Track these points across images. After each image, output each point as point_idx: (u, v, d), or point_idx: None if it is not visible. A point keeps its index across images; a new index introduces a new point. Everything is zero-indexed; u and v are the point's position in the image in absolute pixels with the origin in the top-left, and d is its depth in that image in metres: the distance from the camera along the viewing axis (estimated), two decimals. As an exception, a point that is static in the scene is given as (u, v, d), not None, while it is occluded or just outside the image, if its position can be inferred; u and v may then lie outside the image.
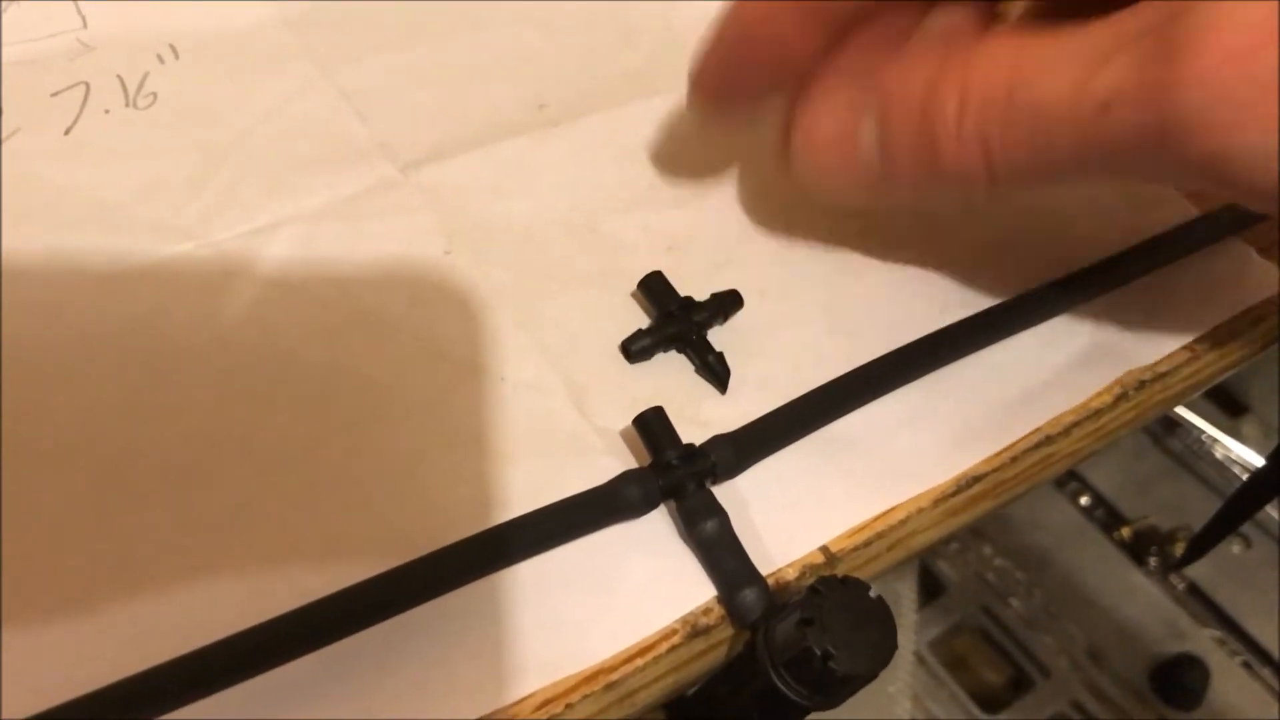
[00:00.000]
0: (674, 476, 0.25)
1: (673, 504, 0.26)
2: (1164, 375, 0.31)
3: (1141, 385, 0.30)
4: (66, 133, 0.33)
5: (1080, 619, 0.80)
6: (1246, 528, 0.84)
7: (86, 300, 0.29)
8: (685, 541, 0.26)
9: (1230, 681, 0.78)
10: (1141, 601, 0.81)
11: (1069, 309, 0.31)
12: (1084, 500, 0.86)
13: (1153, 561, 0.83)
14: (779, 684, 0.22)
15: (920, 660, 0.76)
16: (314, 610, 0.22)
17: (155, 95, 0.34)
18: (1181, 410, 0.88)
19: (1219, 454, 0.87)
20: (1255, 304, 0.33)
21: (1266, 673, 0.78)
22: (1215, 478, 0.86)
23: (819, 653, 0.21)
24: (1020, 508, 0.84)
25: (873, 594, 0.23)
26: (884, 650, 0.22)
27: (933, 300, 0.31)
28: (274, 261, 0.30)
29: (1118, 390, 0.30)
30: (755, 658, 0.23)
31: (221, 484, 0.26)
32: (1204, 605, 0.82)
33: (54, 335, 0.28)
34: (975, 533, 0.81)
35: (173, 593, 0.24)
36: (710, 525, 0.25)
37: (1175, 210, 0.34)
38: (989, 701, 0.76)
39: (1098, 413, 0.30)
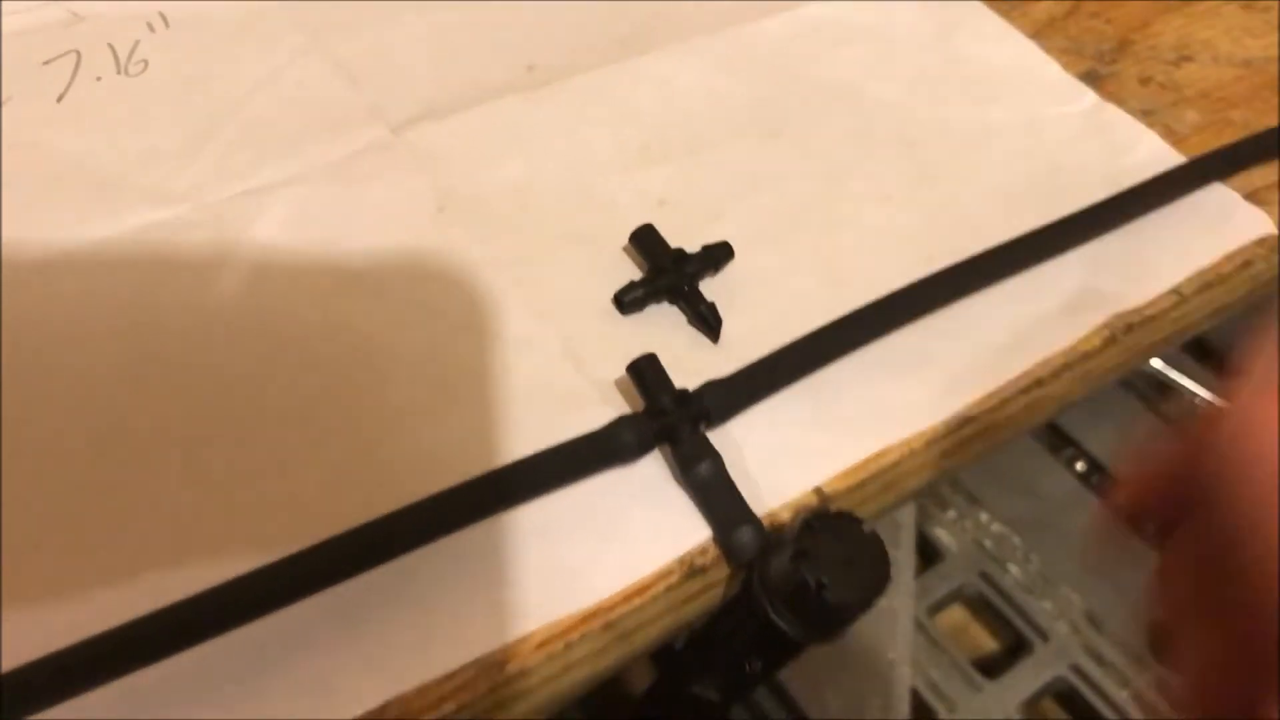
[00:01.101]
0: (667, 421, 0.26)
1: (667, 449, 0.26)
2: (1152, 319, 0.31)
3: (1130, 329, 0.31)
4: (59, 100, 0.33)
5: (1078, 583, 0.81)
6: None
7: (82, 263, 0.29)
8: (680, 485, 0.26)
9: (1227, 641, 0.78)
10: (1138, 565, 0.81)
11: (1056, 254, 0.31)
12: (1080, 466, 0.86)
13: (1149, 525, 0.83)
14: (775, 618, 0.23)
15: (919, 627, 0.76)
16: (317, 552, 0.23)
17: (146, 63, 0.35)
18: (1176, 375, 0.88)
19: (1214, 418, 0.87)
20: (1242, 248, 0.33)
21: (1263, 632, 0.78)
22: (1210, 441, 0.86)
23: (813, 584, 0.22)
24: (1016, 474, 0.84)
25: (865, 528, 0.23)
26: (877, 580, 0.22)
27: (920, 250, 0.32)
28: (268, 222, 0.30)
29: (1106, 334, 0.30)
30: (751, 594, 0.23)
31: (222, 442, 0.26)
32: (1200, 568, 0.82)
33: (51, 299, 0.28)
34: (972, 500, 0.82)
35: (174, 553, 0.24)
36: (704, 467, 0.25)
37: (1154, 152, 0.35)
38: (988, 667, 0.77)
39: (1087, 355, 0.30)
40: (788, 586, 0.22)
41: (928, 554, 0.81)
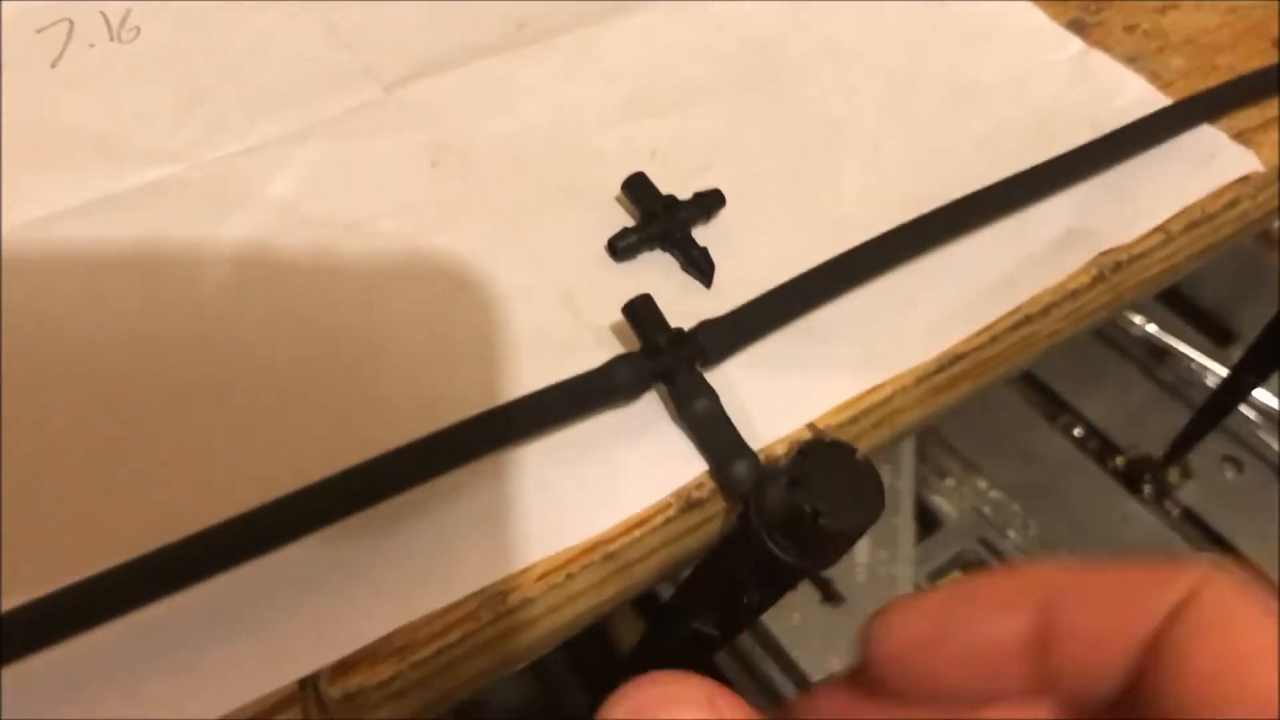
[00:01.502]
0: (663, 360, 0.26)
1: (664, 389, 0.27)
2: (1140, 257, 0.32)
3: (1118, 267, 0.31)
4: (53, 66, 0.33)
5: (1077, 548, 0.81)
6: (1239, 452, 0.85)
7: (80, 224, 0.29)
8: (677, 423, 0.26)
9: (1226, 601, 0.78)
10: (1136, 528, 0.82)
11: (1047, 195, 0.32)
12: (1077, 432, 0.87)
13: (1147, 489, 0.84)
14: (771, 546, 0.23)
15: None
16: (317, 490, 0.23)
17: (139, 29, 0.35)
18: (1171, 339, 0.89)
19: (1210, 382, 0.88)
20: (1228, 186, 0.33)
21: (1261, 592, 0.79)
22: (1207, 405, 0.86)
23: (809, 511, 0.22)
24: (1014, 441, 0.85)
25: (859, 455, 0.23)
26: (871, 506, 0.23)
27: (910, 194, 0.32)
28: (265, 180, 0.31)
29: (1094, 271, 0.31)
30: (748, 525, 0.24)
31: (221, 397, 0.26)
32: (1198, 529, 0.83)
33: (51, 260, 0.29)
34: (970, 467, 0.82)
35: (177, 507, 0.24)
36: (700, 404, 0.26)
37: (1140, 95, 0.35)
38: (990, 631, 0.77)
39: (1075, 293, 0.30)
40: (783, 514, 0.23)
41: (927, 521, 0.81)
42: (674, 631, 0.28)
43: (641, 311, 0.27)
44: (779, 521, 0.23)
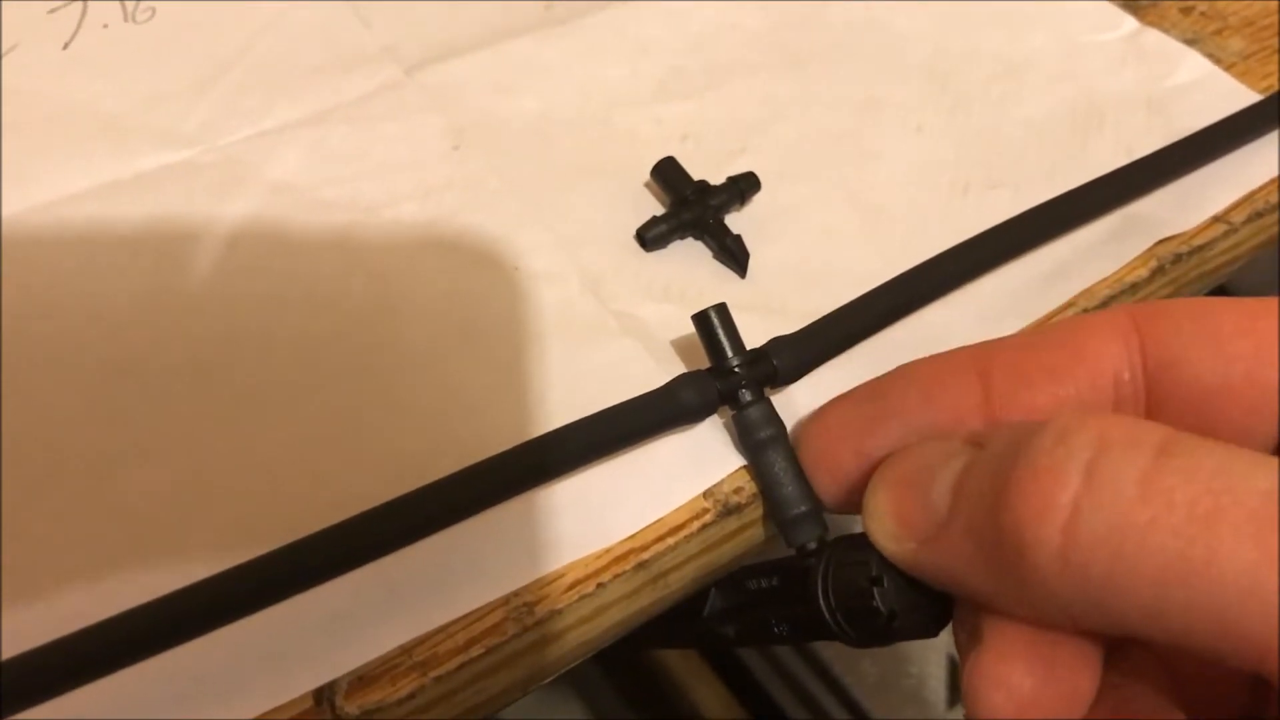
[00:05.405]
0: (733, 381, 0.24)
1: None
2: (1201, 249, 0.30)
3: (1178, 259, 0.29)
4: (65, 47, 0.32)
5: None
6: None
7: (91, 208, 0.28)
8: (739, 450, 0.24)
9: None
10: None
11: (1125, 203, 0.30)
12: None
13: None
14: (832, 625, 0.21)
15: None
16: (355, 527, 0.21)
17: (154, 10, 0.34)
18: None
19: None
20: (1293, 173, 0.31)
21: None
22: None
23: (885, 613, 0.20)
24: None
25: None
26: (944, 609, 0.21)
27: (954, 178, 0.31)
28: (280, 164, 0.30)
29: (1154, 264, 0.29)
30: (808, 590, 0.22)
31: (236, 382, 0.25)
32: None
33: (59, 244, 0.28)
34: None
35: (185, 491, 0.23)
36: (766, 436, 0.23)
37: (1198, 72, 0.33)
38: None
39: (1134, 286, 0.29)
40: (854, 603, 0.21)
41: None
42: (689, 625, 0.26)
43: (717, 323, 0.24)
44: (846, 608, 0.21)
